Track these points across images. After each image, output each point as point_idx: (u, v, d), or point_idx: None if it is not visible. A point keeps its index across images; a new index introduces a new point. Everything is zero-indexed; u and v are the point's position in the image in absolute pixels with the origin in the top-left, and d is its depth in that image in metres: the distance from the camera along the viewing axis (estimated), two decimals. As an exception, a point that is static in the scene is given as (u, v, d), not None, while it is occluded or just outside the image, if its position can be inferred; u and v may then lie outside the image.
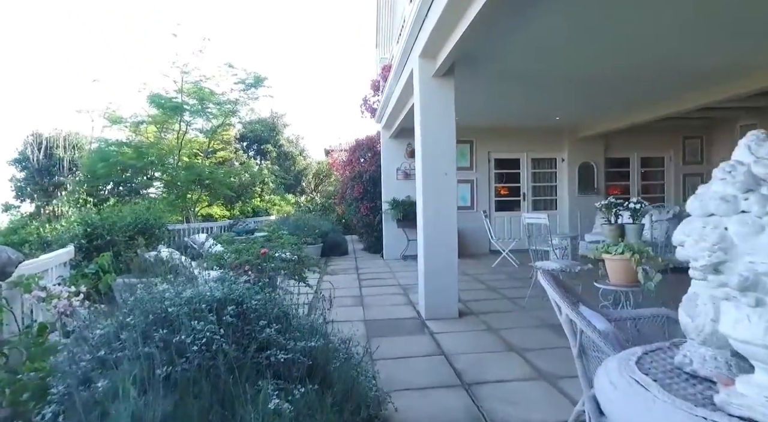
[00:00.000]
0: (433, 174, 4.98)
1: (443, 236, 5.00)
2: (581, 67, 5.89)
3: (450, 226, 5.03)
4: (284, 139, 21.80)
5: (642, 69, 5.89)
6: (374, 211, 10.64)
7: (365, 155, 11.39)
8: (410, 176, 9.82)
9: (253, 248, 4.89)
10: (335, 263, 9.67)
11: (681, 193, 10.66)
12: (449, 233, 5.02)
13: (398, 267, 8.69)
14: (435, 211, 4.99)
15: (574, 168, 10.26)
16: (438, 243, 4.98)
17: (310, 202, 19.48)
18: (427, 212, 4.99)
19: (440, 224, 4.99)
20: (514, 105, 8.21)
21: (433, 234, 4.98)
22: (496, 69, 5.85)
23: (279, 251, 5.13)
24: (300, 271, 4.87)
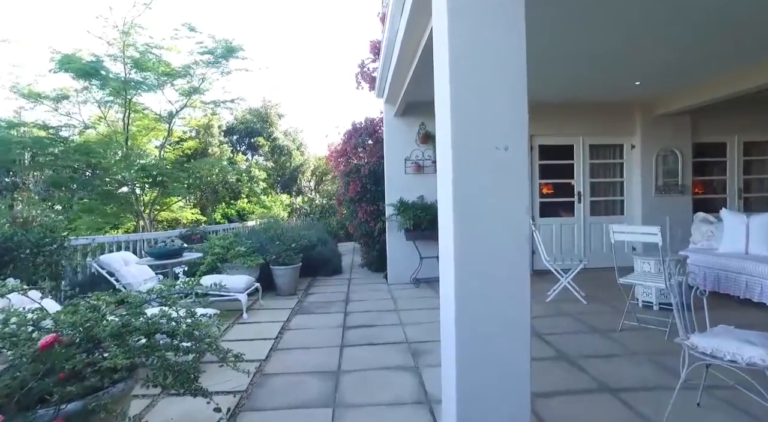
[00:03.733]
0: (474, 148, 2.27)
1: (501, 267, 2.29)
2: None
3: (516, 248, 2.31)
4: (279, 131, 19.24)
5: None
6: (375, 216, 7.97)
7: (363, 142, 8.71)
8: (424, 169, 7.12)
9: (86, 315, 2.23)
10: (319, 288, 7.00)
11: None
12: (514, 260, 2.31)
13: (407, 300, 5.98)
14: (479, 217, 2.27)
15: (650, 158, 7.44)
16: (488, 281, 2.29)
17: (308, 203, 16.88)
18: (462, 221, 2.29)
19: (495, 244, 2.28)
20: (571, 65, 5.46)
21: (478, 263, 2.28)
22: None
23: (167, 313, 2.46)
24: (188, 373, 2.18)
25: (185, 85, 9.21)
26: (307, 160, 19.40)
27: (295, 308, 5.72)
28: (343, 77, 50.59)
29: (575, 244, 7.52)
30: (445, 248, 2.45)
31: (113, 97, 8.48)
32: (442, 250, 2.58)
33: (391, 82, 6.15)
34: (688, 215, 7.38)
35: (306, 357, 3.91)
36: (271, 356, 3.97)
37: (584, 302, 5.40)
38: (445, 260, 2.46)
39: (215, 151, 15.07)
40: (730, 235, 5.61)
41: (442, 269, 2.56)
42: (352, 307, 5.69)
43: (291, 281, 6.53)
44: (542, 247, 5.80)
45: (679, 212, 7.41)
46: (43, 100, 8.24)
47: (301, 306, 5.81)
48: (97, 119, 9.21)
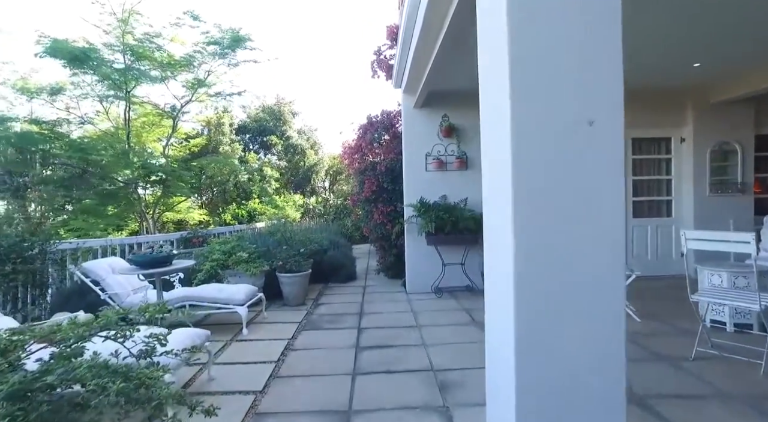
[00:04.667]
0: (543, 123, 1.56)
1: (584, 290, 1.58)
2: None
3: (607, 262, 1.59)
4: (293, 130, 18.69)
5: None
6: (392, 218, 7.28)
7: (380, 137, 8.03)
8: (446, 166, 6.40)
9: None
10: (331, 297, 6.34)
11: None
12: (604, 278, 1.59)
13: (429, 314, 5.27)
14: (552, 219, 1.56)
15: (703, 152, 6.59)
16: (567, 309, 1.59)
17: (322, 204, 16.29)
18: (527, 226, 1.58)
19: (574, 257, 1.57)
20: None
21: (551, 284, 1.58)
22: None
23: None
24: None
25: (190, 78, 8.65)
26: (322, 159, 18.81)
27: (302, 322, 5.06)
28: (358, 70, 49.63)
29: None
30: (497, 262, 1.76)
31: (113, 91, 7.95)
32: (490, 263, 1.89)
33: (410, 70, 5.46)
34: (748, 218, 6.52)
35: (311, 389, 3.23)
36: (269, 386, 3.31)
37: (637, 320, 4.62)
38: (497, 278, 1.76)
39: (226, 149, 14.56)
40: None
41: (493, 291, 1.87)
42: (366, 321, 5.01)
43: (299, 290, 5.88)
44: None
45: (738, 214, 6.54)
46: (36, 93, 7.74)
47: (309, 320, 5.15)
48: (96, 114, 8.71)
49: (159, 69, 8.08)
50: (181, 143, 11.62)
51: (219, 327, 4.82)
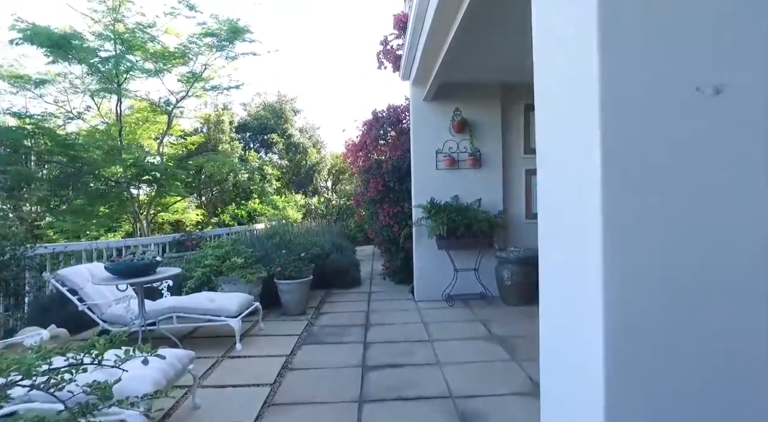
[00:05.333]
0: (647, 89, 1.08)
1: (713, 315, 1.10)
2: None
3: (746, 278, 1.11)
4: (294, 128, 18.25)
5: None
6: (399, 220, 6.82)
7: (386, 133, 7.57)
8: (458, 164, 5.93)
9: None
10: (333, 306, 5.87)
11: None
12: (742, 299, 1.11)
13: (441, 325, 4.80)
14: (661, 222, 1.09)
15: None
16: (689, 345, 1.11)
17: (325, 204, 15.84)
18: (625, 233, 1.09)
19: (698, 273, 1.09)
20: None
21: (664, 312, 1.10)
22: None
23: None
24: None
25: (185, 72, 8.19)
26: (324, 158, 18.36)
27: (302, 334, 4.59)
28: (363, 63, 48.77)
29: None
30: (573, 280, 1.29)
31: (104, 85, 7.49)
32: (549, 280, 1.44)
33: (421, 58, 4.99)
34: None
35: (310, 421, 2.77)
36: (262, 417, 2.85)
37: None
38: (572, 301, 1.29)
39: (225, 148, 14.13)
40: None
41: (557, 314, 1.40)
42: (373, 334, 4.54)
43: (300, 299, 5.42)
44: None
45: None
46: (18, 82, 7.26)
47: (310, 332, 4.68)
48: (87, 109, 8.27)
49: (152, 61, 7.62)
50: (178, 140, 11.18)
51: (210, 341, 4.37)
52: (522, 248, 5.62)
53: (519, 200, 6.07)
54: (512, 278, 5.42)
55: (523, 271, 5.41)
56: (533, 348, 3.88)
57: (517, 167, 6.07)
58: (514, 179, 6.06)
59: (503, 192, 5.98)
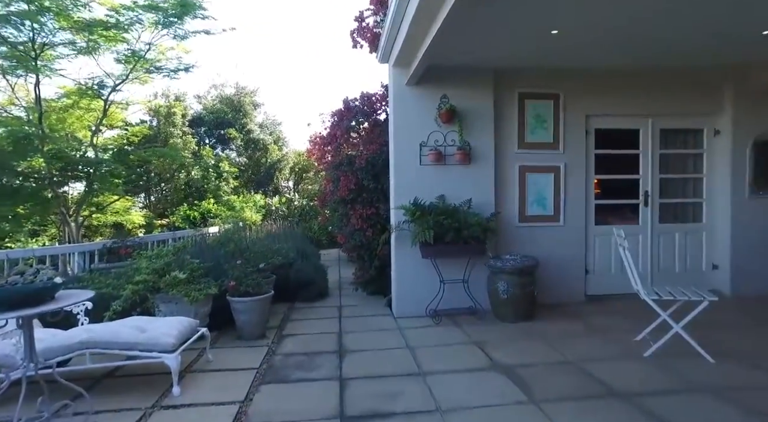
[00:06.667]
0: None
1: None
2: None
3: None
4: (254, 123, 17.06)
5: None
6: (374, 223, 5.99)
7: (358, 125, 6.72)
8: (446, 159, 5.16)
9: None
10: (299, 325, 4.95)
11: None
12: None
13: (431, 351, 3.99)
14: None
15: (742, 147, 5.64)
16: None
17: (286, 205, 14.78)
18: None
19: None
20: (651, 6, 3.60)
21: None
22: None
23: None
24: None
25: (125, 50, 7.00)
26: (286, 155, 17.25)
27: (261, 367, 3.67)
28: (331, 54, 46.72)
29: (640, 262, 5.66)
30: None
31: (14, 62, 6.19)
32: None
33: (406, 36, 4.18)
34: (787, 224, 5.63)
35: None
36: None
37: (711, 360, 3.51)
38: None
39: (177, 142, 12.83)
40: None
41: None
42: (350, 365, 3.68)
43: (258, 319, 4.48)
44: (634, 269, 3.89)
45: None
46: None
47: (271, 363, 3.76)
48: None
49: (81, 34, 6.39)
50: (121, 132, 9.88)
51: (137, 383, 3.38)
52: (518, 255, 4.92)
53: (512, 200, 5.37)
54: (508, 290, 4.70)
55: (521, 282, 4.70)
56: (550, 382, 3.14)
57: (510, 164, 5.37)
58: (507, 177, 5.36)
59: (495, 192, 5.26)
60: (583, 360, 3.58)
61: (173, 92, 14.25)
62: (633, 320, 4.49)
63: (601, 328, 4.47)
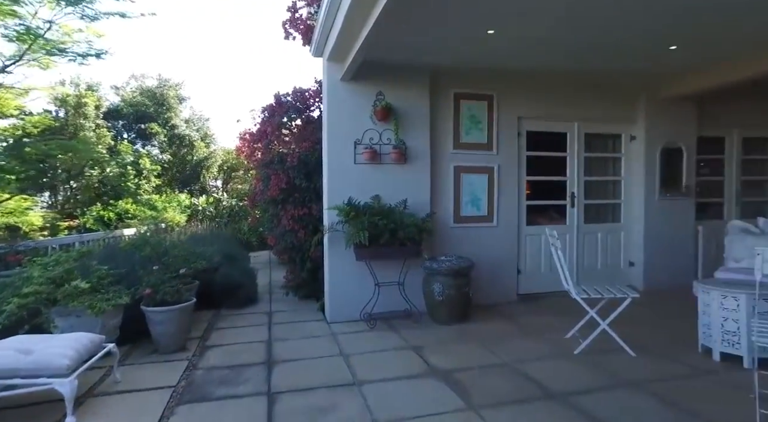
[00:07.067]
0: None
1: None
2: None
3: None
4: (179, 118, 16.01)
5: None
6: (307, 224, 5.73)
7: (291, 122, 6.41)
8: (381, 158, 5.02)
9: None
10: (224, 334, 4.57)
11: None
12: None
13: (366, 358, 3.82)
14: None
15: (654, 153, 6.05)
16: None
17: (214, 205, 13.97)
18: None
19: None
20: (583, 12, 3.73)
21: None
22: None
23: None
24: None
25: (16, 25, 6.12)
26: (214, 153, 16.34)
27: (179, 385, 3.29)
28: (262, 47, 45.03)
29: (567, 260, 5.87)
30: None
31: None
32: None
33: (341, 29, 3.99)
34: (690, 223, 6.12)
35: None
36: None
37: (632, 354, 3.66)
38: None
39: (89, 135, 11.65)
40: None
41: None
42: (280, 377, 3.41)
43: (178, 330, 4.07)
44: (566, 268, 3.97)
45: (682, 218, 6.11)
46: None
47: (191, 380, 3.40)
48: None
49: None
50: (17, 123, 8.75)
51: (22, 415, 2.88)
52: (454, 256, 4.89)
53: (447, 201, 5.35)
54: (444, 292, 4.65)
55: (456, 284, 4.67)
56: (487, 385, 3.09)
57: (445, 164, 5.34)
58: (442, 177, 5.32)
59: (431, 192, 5.21)
60: (518, 361, 3.59)
61: (85, 81, 12.97)
62: (562, 318, 4.62)
63: (534, 327, 4.54)
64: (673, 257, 6.00)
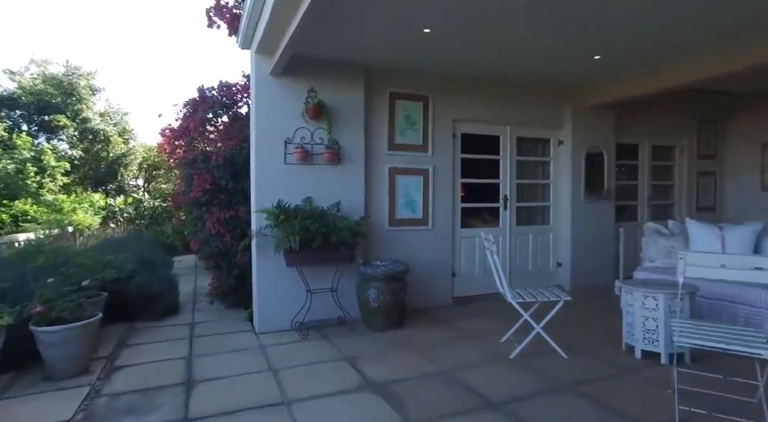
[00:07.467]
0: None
1: None
2: None
3: None
4: (93, 110, 14.61)
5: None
6: (234, 227, 5.35)
7: (216, 117, 5.97)
8: (314, 158, 4.77)
9: None
10: (137, 351, 4.09)
11: (694, 200, 7.51)
12: None
13: (296, 373, 3.56)
14: None
15: (579, 157, 6.31)
16: None
17: (134, 206, 12.90)
18: None
19: None
20: (511, 16, 3.79)
21: None
22: None
23: None
24: None
25: None
26: (134, 149, 15.09)
27: (74, 419, 2.85)
28: (190, 41, 42.68)
29: (500, 262, 5.95)
30: None
31: None
32: None
33: (269, 20, 3.71)
34: (611, 225, 6.47)
35: None
36: None
37: (564, 356, 3.72)
38: None
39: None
40: (699, 251, 4.54)
41: None
42: (200, 400, 3.07)
43: (78, 351, 3.56)
44: (501, 272, 3.97)
45: (603, 221, 6.44)
46: None
47: (91, 411, 2.95)
48: None
49: None
50: None
51: None
52: (389, 261, 4.76)
53: (382, 203, 5.21)
54: (379, 298, 4.50)
55: (392, 289, 4.54)
56: (425, 397, 2.96)
57: (380, 165, 5.20)
58: (377, 178, 5.17)
59: (365, 194, 5.04)
60: (455, 369, 3.51)
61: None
62: (497, 321, 4.65)
63: (470, 332, 4.51)
64: (596, 258, 6.30)
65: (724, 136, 7.70)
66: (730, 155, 7.69)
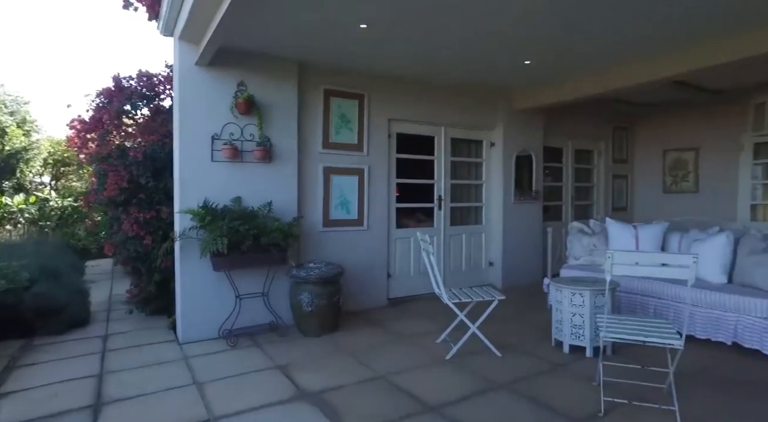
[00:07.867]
0: None
1: None
2: None
3: None
4: (-15, 98, 12.98)
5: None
6: (155, 229, 4.92)
7: (135, 109, 5.46)
8: (244, 156, 4.50)
9: None
10: (34, 374, 3.60)
11: (611, 200, 8.07)
12: None
13: (224, 386, 3.31)
14: None
15: (510, 159, 6.53)
16: None
17: (38, 206, 11.59)
18: None
19: None
20: (445, 17, 3.84)
21: None
22: None
23: None
24: None
25: None
26: (37, 143, 13.59)
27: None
28: (107, 27, 39.31)
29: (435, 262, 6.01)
30: None
31: None
32: None
33: (193, 5, 3.43)
34: (539, 224, 6.77)
35: None
36: None
37: (498, 355, 3.79)
38: None
39: None
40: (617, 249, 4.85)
41: None
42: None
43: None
44: (437, 273, 3.97)
45: (532, 221, 6.72)
46: None
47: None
48: None
49: None
50: None
51: None
52: (322, 263, 4.60)
53: (316, 203, 5.05)
54: (313, 302, 4.33)
55: (326, 292, 4.39)
56: (362, 405, 2.87)
57: (314, 164, 5.03)
58: (310, 178, 5.00)
59: (299, 194, 4.85)
60: (393, 373, 3.44)
61: None
62: (432, 321, 4.67)
63: (406, 334, 4.47)
64: (526, 256, 6.56)
65: (633, 142, 8.36)
66: (638, 159, 8.36)
